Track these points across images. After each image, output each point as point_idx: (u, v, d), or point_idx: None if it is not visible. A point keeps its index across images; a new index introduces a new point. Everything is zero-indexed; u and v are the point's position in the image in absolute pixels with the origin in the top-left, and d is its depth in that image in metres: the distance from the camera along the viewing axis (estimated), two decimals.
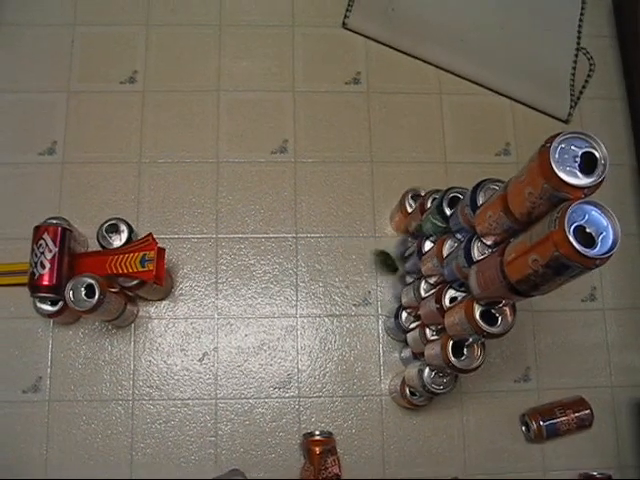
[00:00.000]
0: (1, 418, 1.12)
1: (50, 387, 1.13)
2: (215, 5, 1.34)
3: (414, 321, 1.08)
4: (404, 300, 1.09)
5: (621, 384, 1.22)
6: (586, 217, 0.60)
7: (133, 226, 1.12)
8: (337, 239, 1.23)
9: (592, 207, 0.60)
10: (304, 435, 1.12)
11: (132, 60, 1.30)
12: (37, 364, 1.14)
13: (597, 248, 0.59)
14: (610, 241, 0.59)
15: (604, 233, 0.59)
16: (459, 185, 0.94)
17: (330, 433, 1.11)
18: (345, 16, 1.34)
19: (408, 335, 1.09)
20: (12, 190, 1.21)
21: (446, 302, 0.92)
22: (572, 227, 0.59)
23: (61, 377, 1.14)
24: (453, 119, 1.32)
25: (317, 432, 1.10)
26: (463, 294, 0.90)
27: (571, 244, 0.58)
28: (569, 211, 0.59)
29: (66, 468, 1.10)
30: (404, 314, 1.09)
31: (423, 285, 1.02)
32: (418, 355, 1.08)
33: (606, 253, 0.59)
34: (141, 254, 1.02)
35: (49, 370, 1.14)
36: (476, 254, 0.82)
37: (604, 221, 0.60)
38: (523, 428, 1.17)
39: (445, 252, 0.92)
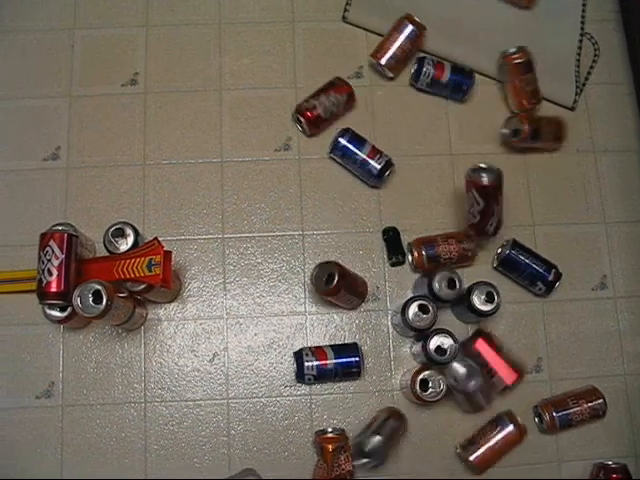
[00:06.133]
0: (16, 424, 1.13)
1: (63, 392, 1.14)
2: (214, 3, 1.34)
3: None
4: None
5: (634, 372, 1.21)
6: None
7: (139, 229, 1.13)
8: (344, 235, 1.23)
9: None
10: (316, 433, 1.12)
11: (133, 62, 1.30)
12: (49, 369, 1.15)
13: None
14: None
15: None
16: None
17: (342, 430, 1.11)
18: (345, 10, 1.33)
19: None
20: (17, 197, 1.22)
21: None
22: None
23: (73, 382, 1.14)
24: (457, 110, 1.31)
25: (329, 429, 1.10)
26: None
27: None
28: None
29: (81, 471, 1.11)
30: (411, 311, 1.09)
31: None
32: None
33: None
34: (147, 258, 1.02)
35: (61, 375, 1.15)
36: None
37: None
38: (536, 419, 1.17)
39: None
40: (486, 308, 1.11)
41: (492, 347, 1.14)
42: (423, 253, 1.18)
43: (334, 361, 1.12)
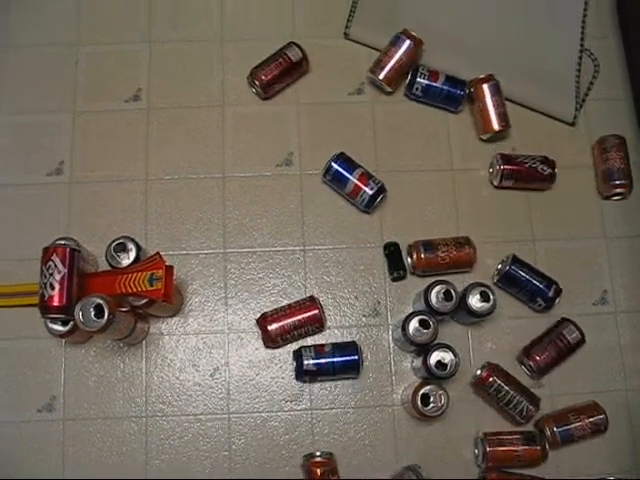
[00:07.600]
0: (17, 437, 1.13)
1: (64, 406, 1.14)
2: (217, 20, 1.35)
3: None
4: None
5: (636, 387, 1.20)
6: None
7: (142, 243, 1.13)
8: (345, 250, 1.23)
9: None
10: (304, 457, 1.11)
11: (136, 78, 1.31)
12: (50, 383, 1.15)
13: None
14: None
15: None
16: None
17: (331, 453, 1.11)
18: (346, 26, 1.34)
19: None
20: (21, 211, 1.22)
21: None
22: None
23: (75, 396, 1.15)
24: (458, 125, 1.32)
25: (317, 453, 1.10)
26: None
27: None
28: None
29: None
30: (411, 326, 1.09)
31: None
32: None
33: None
34: (149, 273, 1.02)
35: (62, 389, 1.15)
36: None
37: None
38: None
39: None
40: (484, 307, 1.11)
41: None
42: (422, 256, 1.18)
43: (332, 356, 1.13)
